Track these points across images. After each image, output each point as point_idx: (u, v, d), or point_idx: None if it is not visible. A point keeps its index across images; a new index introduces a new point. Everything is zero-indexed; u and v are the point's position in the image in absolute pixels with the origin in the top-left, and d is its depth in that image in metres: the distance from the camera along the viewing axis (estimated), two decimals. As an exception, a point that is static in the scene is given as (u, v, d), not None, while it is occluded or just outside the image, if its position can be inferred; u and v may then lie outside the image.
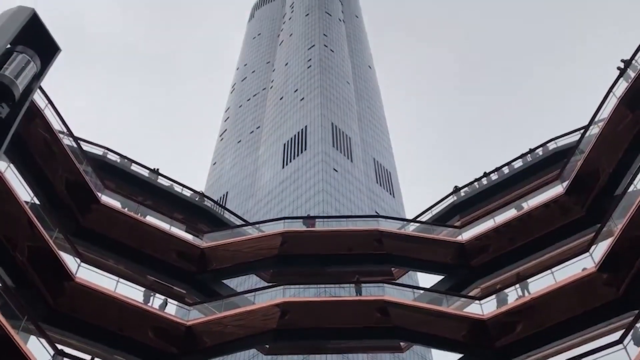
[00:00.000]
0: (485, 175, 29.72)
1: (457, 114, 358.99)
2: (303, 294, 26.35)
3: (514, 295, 22.77)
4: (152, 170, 29.29)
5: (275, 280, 28.41)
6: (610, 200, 22.31)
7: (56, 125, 22.37)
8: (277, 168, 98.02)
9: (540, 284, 22.08)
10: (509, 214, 26.39)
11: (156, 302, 23.44)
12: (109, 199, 25.21)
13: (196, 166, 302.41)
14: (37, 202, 21.67)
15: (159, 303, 23.54)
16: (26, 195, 20.09)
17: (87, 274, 21.65)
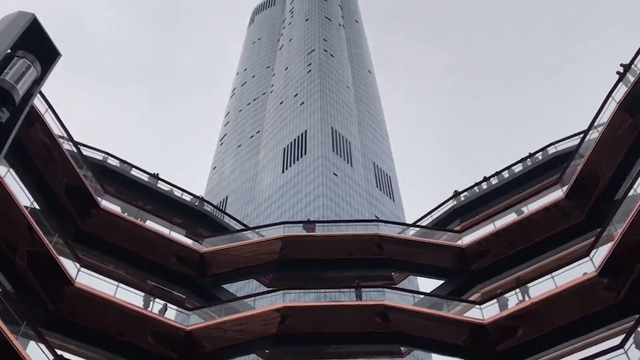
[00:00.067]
0: (485, 179, 29.76)
1: (457, 115, 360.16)
2: (303, 299, 26.33)
3: (514, 300, 22.76)
4: (152, 174, 29.28)
5: (275, 285, 28.41)
6: (610, 204, 22.30)
7: (56, 129, 22.39)
8: (277, 172, 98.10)
9: (541, 289, 22.03)
10: (509, 218, 26.39)
11: (156, 306, 23.40)
12: (108, 204, 25.19)
13: (196, 170, 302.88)
14: (37, 206, 21.59)
15: (159, 308, 23.50)
16: (26, 200, 20.03)
17: (86, 279, 21.62)
